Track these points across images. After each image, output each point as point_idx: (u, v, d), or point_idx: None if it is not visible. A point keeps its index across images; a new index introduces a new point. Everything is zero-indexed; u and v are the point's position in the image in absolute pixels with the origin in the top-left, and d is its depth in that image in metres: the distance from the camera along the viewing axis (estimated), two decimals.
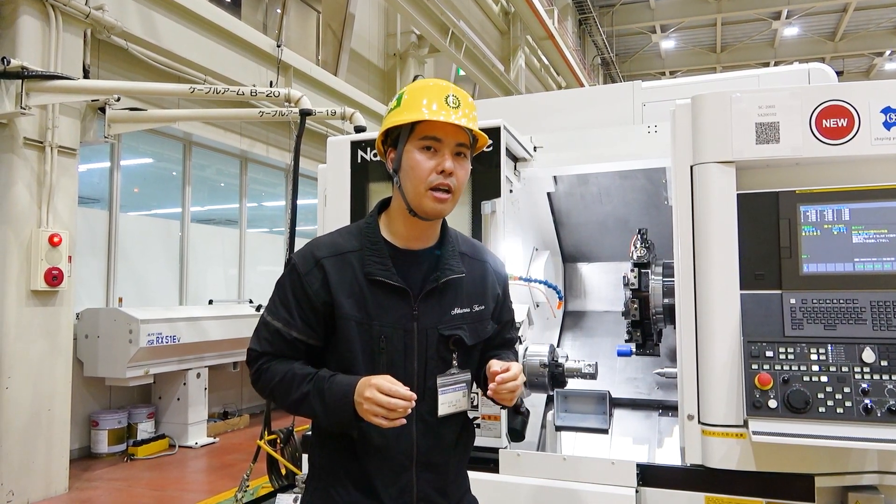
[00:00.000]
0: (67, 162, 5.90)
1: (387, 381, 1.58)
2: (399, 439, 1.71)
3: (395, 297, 1.72)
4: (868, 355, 2.09)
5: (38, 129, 5.67)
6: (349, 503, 1.73)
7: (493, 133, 2.59)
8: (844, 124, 2.25)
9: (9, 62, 5.16)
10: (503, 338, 1.95)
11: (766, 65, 25.51)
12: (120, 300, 7.49)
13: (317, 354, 1.77)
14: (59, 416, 5.79)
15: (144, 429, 7.20)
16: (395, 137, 1.75)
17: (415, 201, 1.70)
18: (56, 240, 5.63)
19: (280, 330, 1.74)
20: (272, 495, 3.53)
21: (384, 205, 1.83)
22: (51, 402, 5.71)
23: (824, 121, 2.26)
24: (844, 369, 2.10)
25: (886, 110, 2.22)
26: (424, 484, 1.75)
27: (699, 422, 2.32)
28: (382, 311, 1.71)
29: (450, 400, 1.77)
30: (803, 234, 2.25)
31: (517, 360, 1.94)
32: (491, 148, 2.60)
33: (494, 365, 1.72)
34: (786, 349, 2.16)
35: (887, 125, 2.22)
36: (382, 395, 1.56)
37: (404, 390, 1.57)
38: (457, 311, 1.78)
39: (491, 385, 1.71)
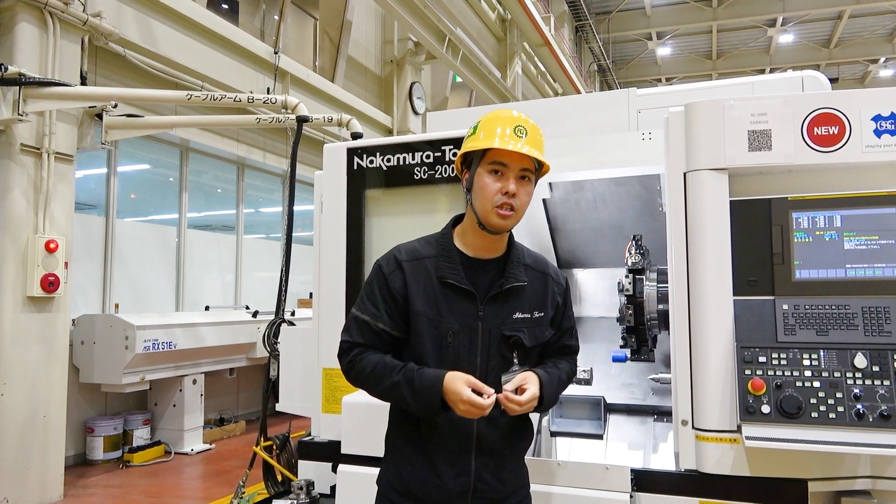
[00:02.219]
0: (64, 168, 5.91)
1: (471, 394, 1.79)
2: (461, 427, 1.93)
3: (463, 298, 1.95)
4: (860, 361, 2.10)
5: (34, 135, 5.67)
6: (416, 479, 1.96)
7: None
8: (836, 132, 2.27)
9: (6, 69, 5.17)
10: (562, 343, 2.13)
11: (762, 71, 25.62)
12: (116, 306, 7.48)
13: (400, 346, 1.99)
14: (55, 423, 5.77)
15: (140, 435, 7.19)
16: (471, 161, 1.99)
17: (483, 216, 1.93)
18: (52, 246, 5.63)
19: (368, 322, 1.97)
20: (268, 501, 3.53)
21: (458, 219, 2.07)
22: (46, 408, 5.69)
23: (816, 128, 2.28)
24: (837, 375, 2.11)
25: (877, 118, 2.25)
26: (482, 468, 1.95)
27: (693, 427, 2.33)
28: (451, 310, 1.94)
29: None
30: (795, 240, 2.27)
31: (566, 371, 2.09)
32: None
33: (510, 384, 1.87)
34: (778, 355, 2.17)
35: (878, 132, 2.24)
36: (474, 407, 1.78)
37: (483, 401, 1.78)
38: (518, 315, 1.99)
39: (500, 395, 1.86)
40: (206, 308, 8.56)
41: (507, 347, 1.96)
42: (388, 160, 3.02)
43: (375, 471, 2.11)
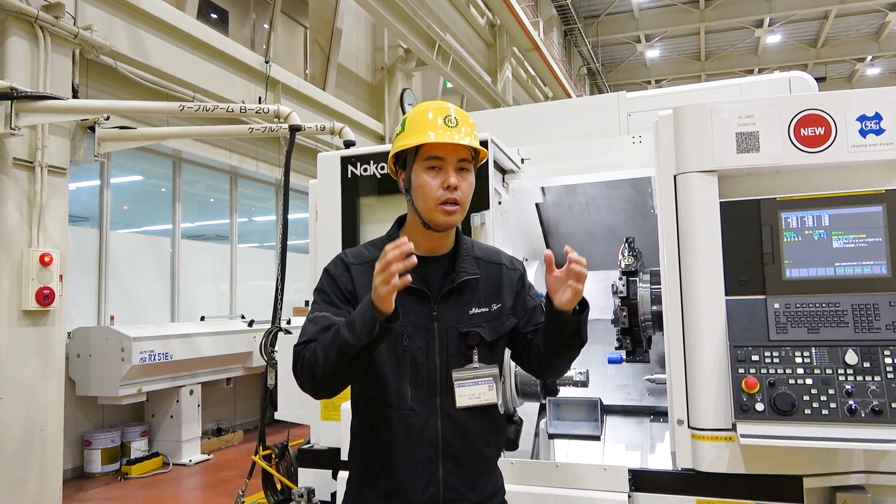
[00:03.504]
0: (57, 181, 5.91)
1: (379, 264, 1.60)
2: (424, 432, 1.81)
3: (415, 299, 1.84)
4: (851, 357, 2.14)
5: (27, 148, 5.67)
6: (379, 494, 1.84)
7: (481, 146, 2.63)
8: (822, 132, 2.31)
9: None
10: (535, 322, 2.00)
11: (750, 72, 25.81)
12: (111, 318, 7.46)
13: None
14: (52, 437, 5.75)
15: (138, 447, 7.17)
16: (405, 160, 1.89)
17: (427, 216, 1.84)
18: (47, 259, 5.63)
19: (328, 316, 1.80)
20: None
21: (403, 220, 1.98)
22: (43, 422, 5.67)
23: (802, 129, 2.32)
24: (828, 371, 2.15)
25: (862, 118, 2.29)
26: (451, 476, 1.83)
27: (689, 426, 2.35)
28: (404, 313, 1.77)
29: (470, 393, 1.84)
30: (785, 239, 2.30)
31: None
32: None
33: (572, 252, 1.77)
34: (771, 353, 2.20)
35: (863, 133, 2.28)
36: (387, 264, 1.58)
37: (394, 248, 1.58)
38: (475, 310, 1.89)
39: (559, 272, 1.76)
40: (202, 318, 8.54)
41: (466, 345, 1.86)
42: (382, 168, 3.04)
43: None
